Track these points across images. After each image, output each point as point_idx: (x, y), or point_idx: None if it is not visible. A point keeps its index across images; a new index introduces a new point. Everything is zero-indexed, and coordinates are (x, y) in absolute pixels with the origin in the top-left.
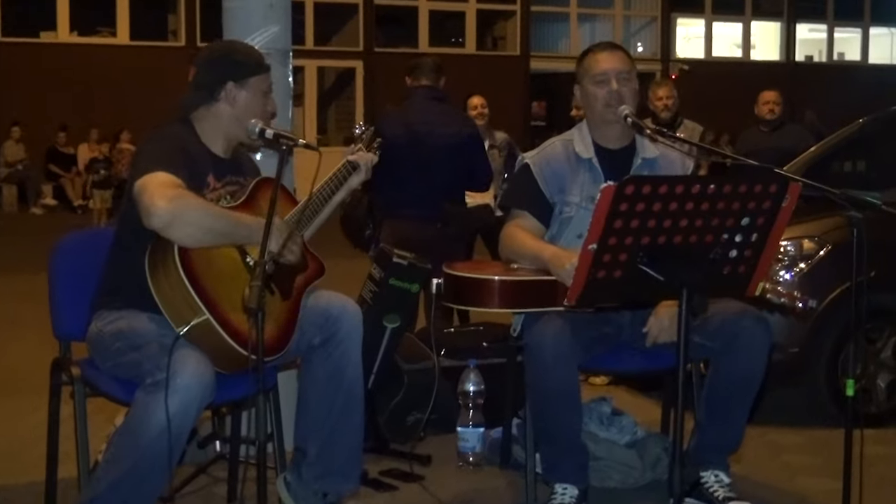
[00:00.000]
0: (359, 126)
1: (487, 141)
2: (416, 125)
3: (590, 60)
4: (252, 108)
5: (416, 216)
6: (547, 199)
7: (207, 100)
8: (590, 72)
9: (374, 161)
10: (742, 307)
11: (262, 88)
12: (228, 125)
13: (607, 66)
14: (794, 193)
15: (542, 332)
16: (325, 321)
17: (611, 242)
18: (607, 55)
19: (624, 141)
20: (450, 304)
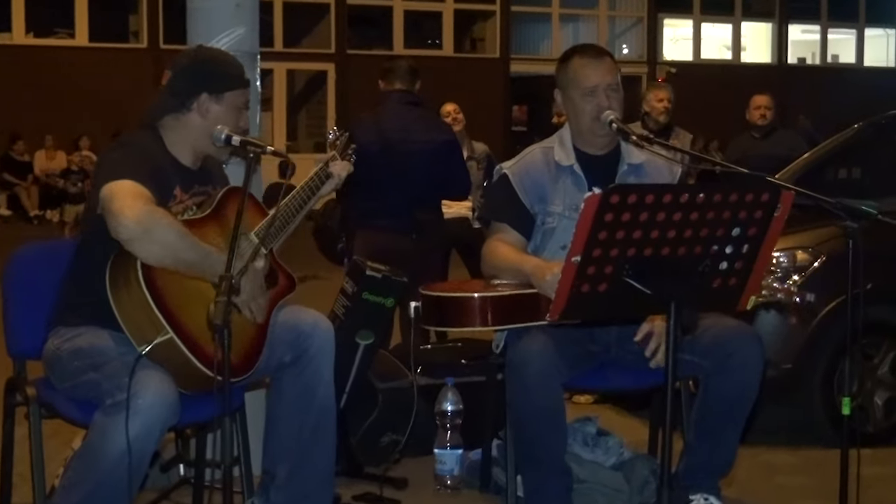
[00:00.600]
0: (332, 131)
1: (465, 152)
2: (389, 131)
3: (577, 70)
4: (224, 123)
5: (391, 227)
6: (527, 209)
7: (178, 108)
8: (578, 84)
9: (349, 170)
10: (735, 323)
11: (237, 104)
12: (197, 137)
13: (597, 79)
14: (787, 202)
15: (526, 348)
16: (295, 338)
17: (595, 254)
18: (596, 66)
19: (608, 146)
20: (429, 326)
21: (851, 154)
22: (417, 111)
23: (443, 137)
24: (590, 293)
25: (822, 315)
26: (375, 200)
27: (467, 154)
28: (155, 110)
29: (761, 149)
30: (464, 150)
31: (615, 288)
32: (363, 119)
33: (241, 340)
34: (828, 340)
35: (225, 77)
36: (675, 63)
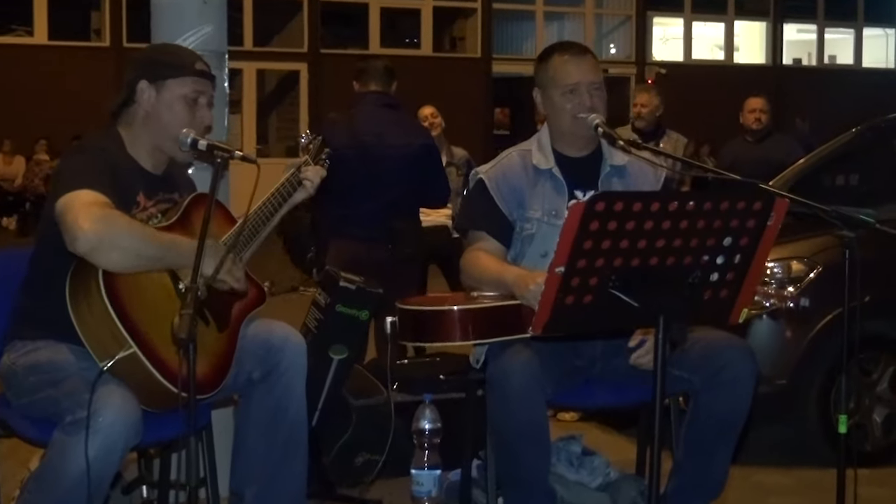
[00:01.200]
0: (304, 135)
1: (444, 157)
2: (364, 135)
3: (557, 68)
4: (171, 116)
5: (365, 236)
6: (506, 216)
7: (128, 102)
8: (558, 81)
9: (323, 176)
10: (726, 337)
11: (184, 93)
12: (150, 133)
13: (579, 77)
14: (781, 210)
15: (508, 363)
16: (265, 353)
17: (580, 265)
18: (577, 64)
19: (589, 148)
20: (407, 342)
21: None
22: (393, 114)
23: (420, 141)
24: (574, 305)
25: (818, 328)
26: (349, 208)
27: (446, 160)
28: (111, 109)
29: (755, 154)
30: (442, 156)
31: (601, 300)
32: (336, 122)
33: (208, 355)
34: (824, 355)
35: (167, 64)
36: (665, 64)
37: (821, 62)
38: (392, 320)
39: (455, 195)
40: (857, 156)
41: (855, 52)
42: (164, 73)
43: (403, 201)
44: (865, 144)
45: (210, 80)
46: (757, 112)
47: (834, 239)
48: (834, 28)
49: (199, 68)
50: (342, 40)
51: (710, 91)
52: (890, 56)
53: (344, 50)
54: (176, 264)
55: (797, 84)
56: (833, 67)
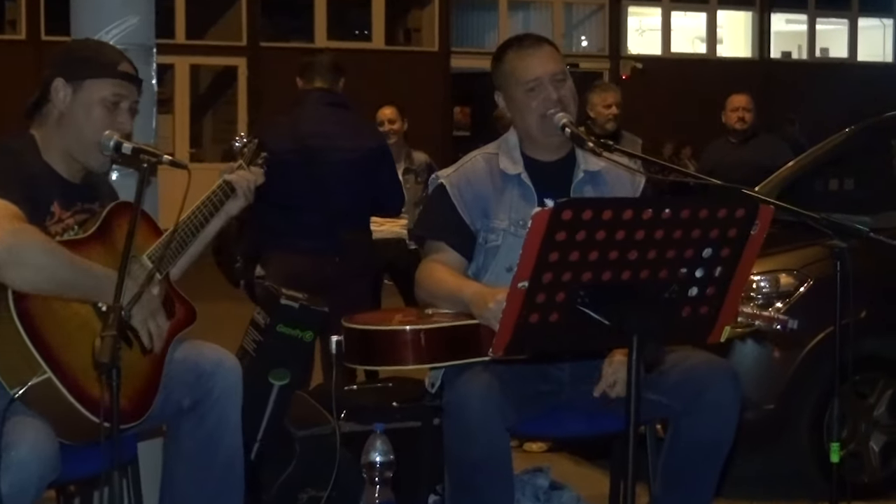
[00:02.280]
0: (238, 138)
1: (403, 163)
2: (308, 137)
3: (514, 63)
4: (87, 120)
5: (310, 248)
6: (468, 225)
7: (42, 101)
8: (518, 78)
9: (258, 181)
10: (707, 357)
11: (102, 96)
12: (63, 137)
13: (540, 70)
14: (766, 218)
15: (466, 388)
16: (195, 378)
17: (545, 279)
18: (536, 55)
19: (561, 151)
20: (354, 364)
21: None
22: (341, 113)
23: (371, 144)
24: (539, 324)
25: (809, 348)
26: (292, 218)
27: (405, 165)
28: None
29: (739, 156)
30: (401, 162)
31: (568, 318)
32: (277, 122)
33: (132, 381)
34: (816, 377)
35: (86, 63)
36: (642, 57)
37: (812, 56)
38: (338, 339)
39: (413, 205)
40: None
41: (849, 44)
42: (83, 71)
43: (352, 210)
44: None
45: (135, 83)
46: (740, 111)
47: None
48: (826, 18)
49: (123, 70)
50: (285, 32)
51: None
52: (887, 49)
53: (287, 43)
54: (88, 294)
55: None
56: (825, 61)
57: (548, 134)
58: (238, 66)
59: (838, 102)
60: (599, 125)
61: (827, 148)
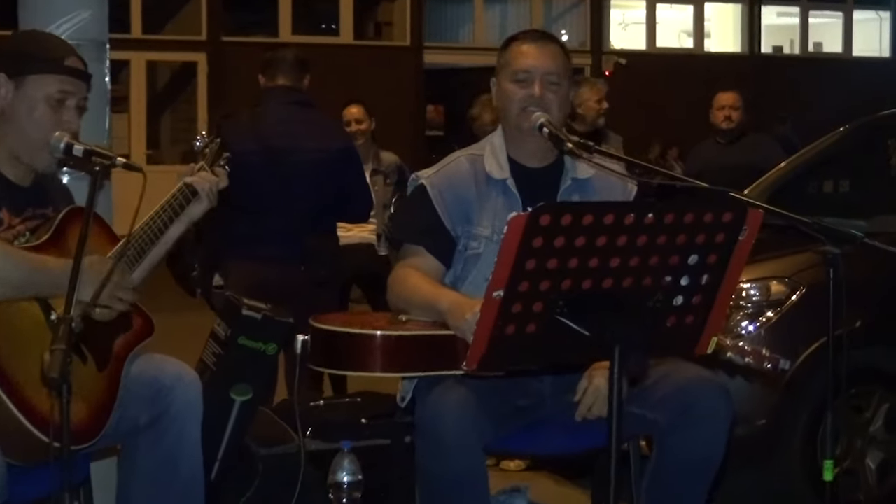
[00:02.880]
0: (200, 138)
1: (370, 164)
2: (270, 137)
3: (513, 51)
4: (30, 118)
5: (273, 255)
6: (448, 230)
7: None
8: (510, 65)
9: (220, 184)
10: (695, 370)
11: (47, 93)
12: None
13: (533, 62)
14: (755, 223)
15: (439, 403)
16: (153, 394)
17: (522, 288)
18: (535, 49)
19: (548, 157)
20: (319, 367)
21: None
22: (305, 112)
23: (337, 145)
24: (516, 336)
25: (802, 359)
26: (254, 223)
27: (373, 167)
28: None
29: (727, 158)
30: (369, 163)
31: (547, 329)
32: (238, 122)
33: (86, 397)
34: (809, 391)
35: (30, 57)
36: (625, 53)
37: (805, 50)
38: (303, 339)
39: (382, 208)
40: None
41: (844, 38)
42: (27, 66)
43: (318, 214)
44: (856, 146)
45: (83, 79)
46: (727, 109)
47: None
48: (820, 11)
49: (70, 65)
50: (247, 26)
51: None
52: (884, 43)
53: (249, 38)
54: (46, 292)
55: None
56: (819, 56)
57: (524, 130)
58: (198, 62)
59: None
60: (589, 121)
61: (820, 148)
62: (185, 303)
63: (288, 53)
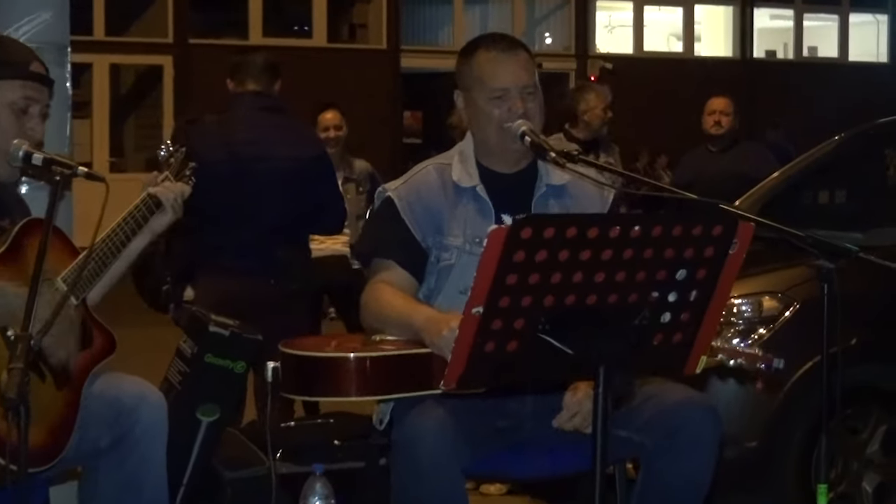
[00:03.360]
0: (164, 146)
1: (342, 172)
2: (239, 145)
3: (483, 67)
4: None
5: (242, 269)
6: (419, 242)
7: None
8: (484, 84)
9: (185, 194)
10: (683, 390)
11: (11, 99)
12: None
13: (510, 78)
14: (745, 236)
15: (416, 424)
16: (115, 415)
17: (502, 304)
18: (508, 62)
19: (521, 163)
20: (291, 395)
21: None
22: (276, 119)
23: (310, 153)
24: (495, 354)
25: (795, 378)
26: (222, 234)
27: (345, 175)
28: None
29: (718, 167)
30: (341, 171)
31: (528, 347)
32: (205, 128)
33: (44, 418)
34: (803, 411)
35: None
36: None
37: (799, 55)
38: (274, 366)
39: (355, 218)
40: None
41: (840, 42)
42: None
43: (289, 226)
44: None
45: (47, 85)
46: (717, 115)
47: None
48: (814, 14)
49: (34, 70)
50: (215, 28)
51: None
52: (882, 48)
53: (217, 40)
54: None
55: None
56: (814, 61)
57: (505, 145)
58: (164, 66)
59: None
60: (594, 129)
61: (816, 157)
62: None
63: (258, 57)
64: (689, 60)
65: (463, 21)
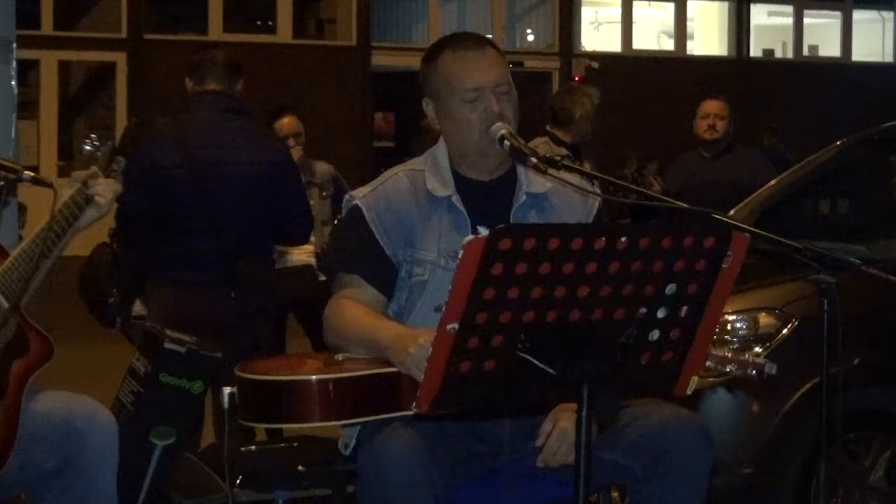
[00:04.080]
0: (89, 140)
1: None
2: (198, 148)
3: (450, 68)
4: None
5: (199, 281)
6: (388, 256)
7: None
8: (455, 86)
9: (116, 191)
10: (671, 410)
11: None
12: None
13: (482, 77)
14: (740, 248)
15: (385, 449)
16: (62, 437)
17: (479, 321)
18: (477, 60)
19: (499, 169)
20: (250, 422)
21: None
22: (238, 121)
23: (273, 157)
24: (471, 374)
25: (793, 400)
26: (178, 244)
27: (307, 178)
28: None
29: (712, 173)
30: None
31: (507, 366)
32: (161, 130)
33: None
34: (802, 435)
35: None
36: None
37: (799, 54)
38: (230, 391)
39: (320, 224)
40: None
41: (843, 41)
42: None
43: (251, 235)
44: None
45: None
46: (711, 118)
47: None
48: (816, 10)
49: None
50: (172, 23)
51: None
52: (887, 46)
53: (175, 35)
54: None
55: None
56: (814, 61)
57: (486, 151)
58: (117, 63)
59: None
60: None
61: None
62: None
63: (219, 54)
64: (681, 59)
65: (438, 16)
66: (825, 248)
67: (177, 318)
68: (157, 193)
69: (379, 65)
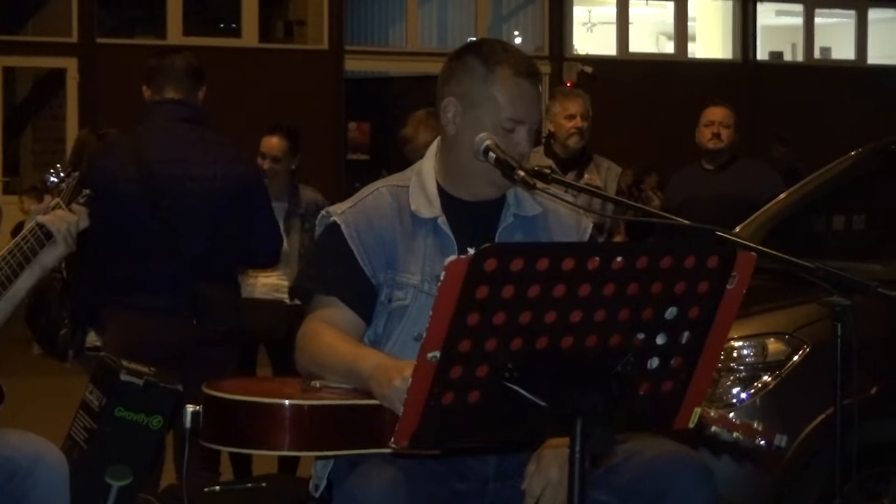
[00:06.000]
0: (54, 171)
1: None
2: (154, 163)
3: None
4: None
5: (157, 307)
6: (368, 277)
7: None
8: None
9: (81, 224)
10: (670, 446)
11: None
12: None
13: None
14: (746, 268)
15: (361, 488)
16: (7, 478)
17: (462, 349)
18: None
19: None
20: (212, 444)
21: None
22: (199, 132)
23: (237, 171)
24: (455, 407)
25: (805, 434)
26: (133, 267)
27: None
28: None
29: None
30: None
31: (493, 398)
32: (115, 142)
33: None
34: (815, 472)
35: None
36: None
37: (810, 57)
38: (194, 410)
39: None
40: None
41: (857, 42)
42: None
43: (214, 257)
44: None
45: None
46: (715, 126)
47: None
48: (828, 10)
49: None
50: (128, 26)
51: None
52: None
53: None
54: None
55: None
56: (827, 64)
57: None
58: (67, 69)
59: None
60: (561, 142)
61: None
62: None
63: (178, 60)
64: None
65: (417, 17)
66: (839, 268)
67: (133, 348)
68: (110, 211)
69: (353, 70)
